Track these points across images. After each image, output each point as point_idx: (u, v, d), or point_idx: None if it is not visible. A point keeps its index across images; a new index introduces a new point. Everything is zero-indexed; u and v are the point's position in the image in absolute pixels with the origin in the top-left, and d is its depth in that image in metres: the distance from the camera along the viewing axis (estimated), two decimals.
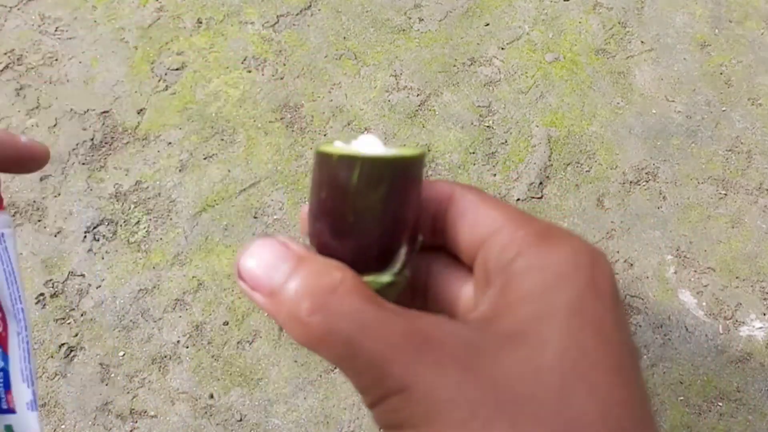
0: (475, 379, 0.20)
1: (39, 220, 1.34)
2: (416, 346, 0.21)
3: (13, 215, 1.34)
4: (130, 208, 1.37)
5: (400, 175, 0.25)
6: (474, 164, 1.47)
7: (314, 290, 0.23)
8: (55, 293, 1.27)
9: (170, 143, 1.44)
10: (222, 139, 1.45)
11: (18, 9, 1.58)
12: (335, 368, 1.22)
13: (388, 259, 0.26)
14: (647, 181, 1.48)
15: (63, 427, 1.17)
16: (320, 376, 1.24)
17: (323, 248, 0.26)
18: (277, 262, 0.24)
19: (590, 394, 0.20)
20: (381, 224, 0.25)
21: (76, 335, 1.24)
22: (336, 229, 0.25)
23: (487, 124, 1.52)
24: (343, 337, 0.22)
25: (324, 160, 0.25)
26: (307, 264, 0.24)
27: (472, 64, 1.60)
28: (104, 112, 1.47)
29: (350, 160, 0.24)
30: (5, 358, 0.34)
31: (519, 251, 0.23)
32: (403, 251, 0.26)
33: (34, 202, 1.36)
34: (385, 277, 0.26)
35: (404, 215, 0.26)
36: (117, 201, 1.37)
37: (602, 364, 0.21)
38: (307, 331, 0.22)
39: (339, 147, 0.26)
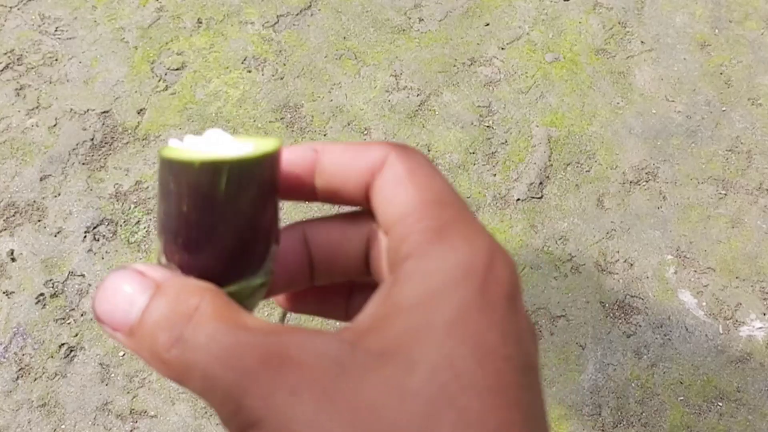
0: (332, 406, 0.18)
1: (39, 220, 1.34)
2: (272, 371, 0.19)
3: (13, 215, 1.34)
4: (130, 208, 1.37)
5: (267, 173, 0.23)
6: (474, 164, 1.47)
7: (170, 321, 0.21)
8: (55, 293, 1.27)
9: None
10: None
11: (18, 9, 1.58)
12: None
13: (262, 259, 0.24)
14: (647, 181, 1.48)
15: (63, 427, 1.17)
16: None
17: (189, 265, 0.23)
18: (134, 295, 0.22)
19: (459, 421, 0.18)
20: (253, 227, 0.23)
21: (76, 335, 1.24)
22: (204, 241, 0.23)
23: (487, 124, 1.52)
24: (200, 370, 0.20)
25: (180, 169, 0.22)
26: (165, 291, 0.22)
27: (472, 64, 1.60)
28: (104, 112, 1.47)
29: (215, 167, 0.22)
30: None
31: (412, 250, 0.21)
32: (273, 247, 0.24)
33: (34, 202, 1.36)
34: (258, 279, 0.24)
35: (274, 211, 0.24)
36: (117, 201, 1.37)
37: (477, 386, 0.18)
38: (167, 368, 0.21)
39: (188, 149, 0.23)
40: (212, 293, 0.22)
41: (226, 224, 0.23)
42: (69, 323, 1.25)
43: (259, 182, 0.23)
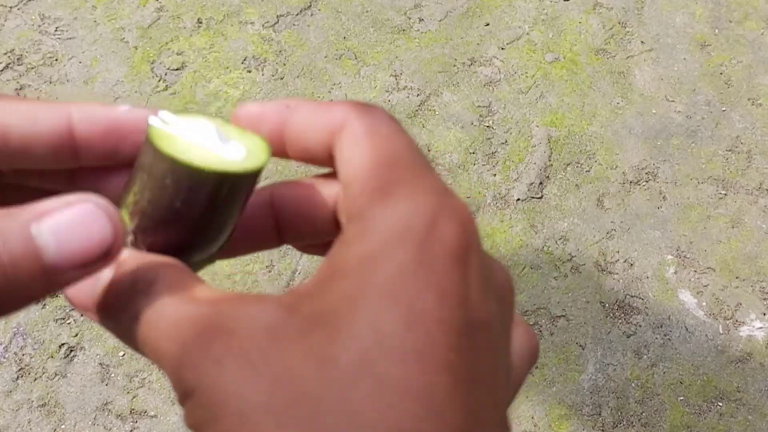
0: (255, 375, 0.18)
1: None
2: (204, 342, 0.19)
3: None
4: None
5: (259, 177, 0.24)
6: (474, 164, 1.47)
7: (128, 298, 0.21)
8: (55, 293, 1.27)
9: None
10: None
11: (18, 9, 1.58)
12: None
13: (230, 235, 0.25)
14: (647, 181, 1.48)
15: (63, 427, 1.17)
16: None
17: (159, 249, 0.24)
18: (99, 273, 0.22)
19: (376, 388, 0.17)
20: (235, 219, 0.24)
21: (76, 335, 1.24)
22: (188, 233, 0.24)
23: (487, 124, 1.52)
24: (151, 345, 0.20)
25: (185, 171, 0.23)
26: (124, 268, 0.22)
27: (472, 64, 1.60)
28: None
29: (222, 176, 0.23)
30: None
31: (358, 211, 0.20)
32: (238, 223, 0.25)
33: None
34: (217, 248, 0.25)
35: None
36: None
37: (401, 351, 0.17)
38: (130, 344, 0.21)
39: (184, 141, 0.23)
40: (169, 268, 0.22)
41: (214, 221, 0.24)
42: (69, 323, 1.25)
43: (253, 186, 0.24)
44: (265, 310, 0.19)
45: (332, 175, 0.25)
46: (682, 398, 1.27)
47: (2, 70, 1.49)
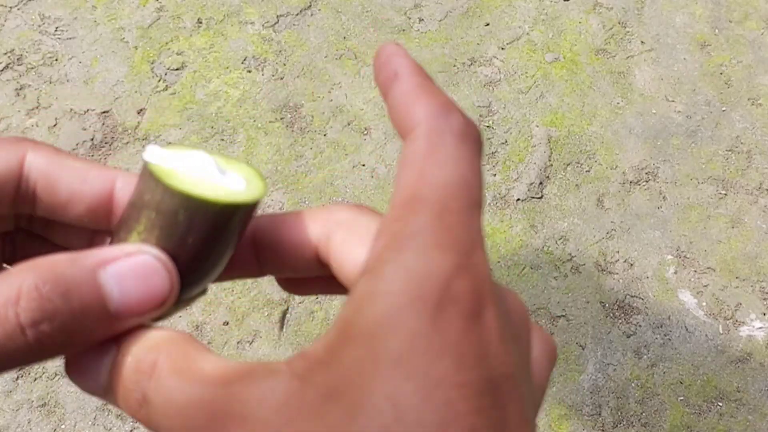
0: None
1: None
2: (216, 429, 0.18)
3: None
4: None
5: (261, 201, 0.25)
6: None
7: (134, 381, 0.21)
8: None
9: (170, 143, 1.44)
10: (222, 139, 1.45)
11: (18, 9, 1.58)
12: None
13: (225, 267, 0.25)
14: (647, 181, 1.48)
15: (63, 427, 1.17)
16: None
17: None
18: (97, 358, 0.22)
19: None
20: (235, 245, 0.25)
21: None
22: (195, 266, 0.24)
23: (487, 124, 1.52)
24: (163, 429, 0.20)
25: (199, 206, 0.23)
26: (125, 350, 0.22)
27: (472, 64, 1.60)
28: (104, 112, 1.47)
29: (234, 208, 0.23)
30: None
31: (371, 263, 0.19)
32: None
33: None
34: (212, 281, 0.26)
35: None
36: None
37: (421, 424, 0.17)
38: (148, 427, 0.21)
39: (188, 176, 0.23)
40: (169, 344, 0.21)
41: (219, 253, 0.24)
42: None
43: (253, 214, 0.25)
44: (276, 386, 0.18)
45: (317, 212, 0.25)
46: (682, 398, 1.27)
47: (2, 70, 1.49)
